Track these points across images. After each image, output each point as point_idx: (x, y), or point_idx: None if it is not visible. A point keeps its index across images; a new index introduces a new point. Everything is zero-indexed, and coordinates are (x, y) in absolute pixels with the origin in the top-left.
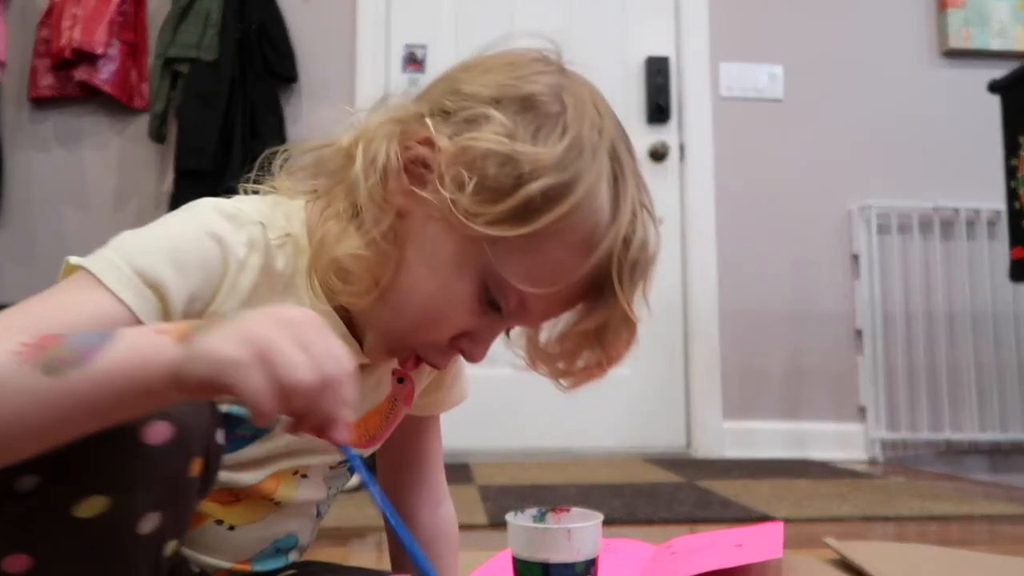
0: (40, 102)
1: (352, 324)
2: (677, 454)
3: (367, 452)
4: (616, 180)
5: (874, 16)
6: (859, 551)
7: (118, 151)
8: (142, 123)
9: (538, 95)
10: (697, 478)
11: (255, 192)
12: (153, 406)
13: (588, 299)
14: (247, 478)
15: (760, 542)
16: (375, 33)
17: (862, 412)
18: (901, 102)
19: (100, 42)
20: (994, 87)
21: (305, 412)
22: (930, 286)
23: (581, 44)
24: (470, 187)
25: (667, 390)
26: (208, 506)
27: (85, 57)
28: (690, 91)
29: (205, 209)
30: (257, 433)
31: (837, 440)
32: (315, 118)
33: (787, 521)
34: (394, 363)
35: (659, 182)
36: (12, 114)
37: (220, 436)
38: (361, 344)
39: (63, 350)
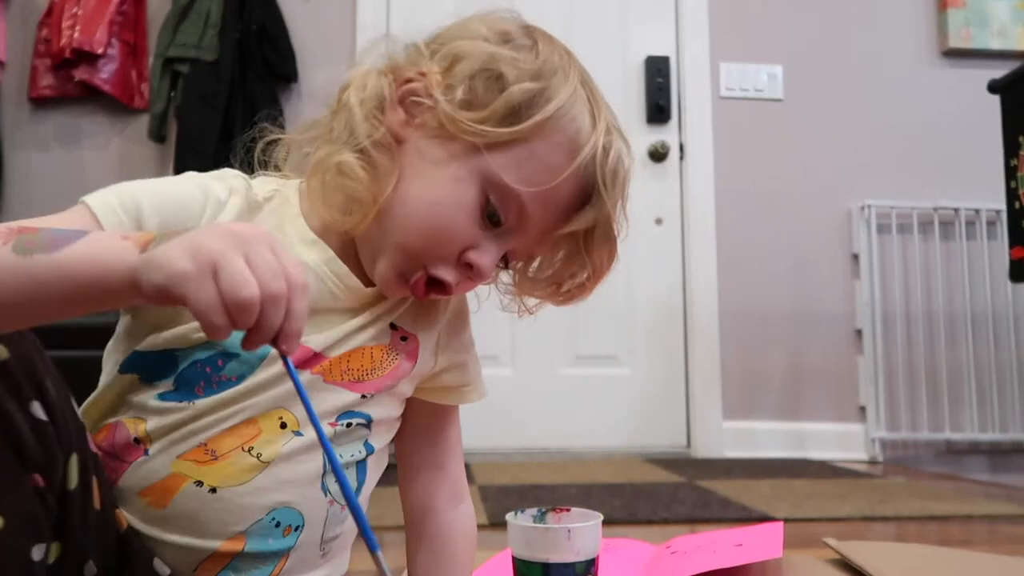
0: (40, 102)
1: (353, 262)
2: (677, 454)
3: (360, 404)
4: (590, 99)
5: (874, 16)
6: (859, 551)
7: (118, 151)
8: (142, 123)
9: (512, 31)
10: (697, 478)
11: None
12: (115, 305)
13: (577, 209)
14: (216, 420)
15: (760, 542)
16: (375, 33)
17: (862, 412)
18: (901, 102)
19: (100, 42)
20: (994, 87)
21: (255, 326)
22: (930, 286)
23: (581, 44)
24: (460, 94)
25: (667, 390)
26: (183, 465)
27: (85, 57)
28: (690, 91)
29: (194, 171)
30: (242, 375)
31: (837, 440)
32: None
33: (787, 521)
34: (392, 316)
35: (659, 182)
36: (12, 114)
37: (37, 410)
38: (364, 281)
39: (37, 236)
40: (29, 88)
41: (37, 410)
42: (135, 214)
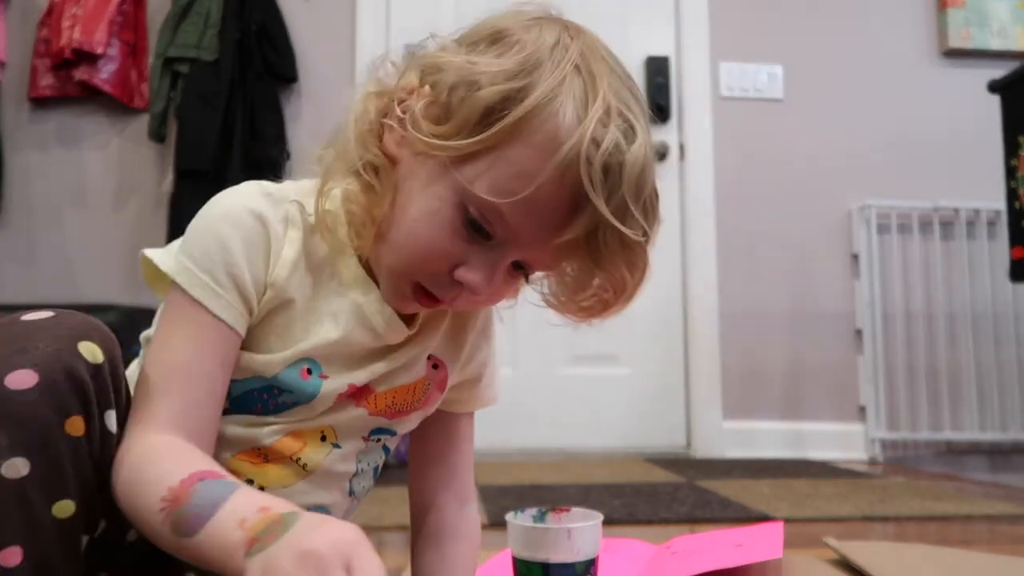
0: (40, 102)
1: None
2: (677, 454)
3: (390, 424)
4: (586, 86)
5: (874, 16)
6: (859, 551)
7: (118, 151)
8: (142, 123)
9: (508, 28)
10: (697, 478)
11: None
12: None
13: (571, 214)
14: (264, 433)
15: (760, 542)
16: (375, 33)
17: (862, 412)
18: (901, 102)
19: (100, 42)
20: (994, 87)
21: None
22: (930, 286)
23: None
24: (436, 108)
25: (667, 390)
26: (239, 464)
27: (85, 57)
28: (690, 91)
29: (247, 192)
30: (296, 402)
31: (837, 440)
32: (315, 118)
33: (787, 521)
34: (430, 347)
35: (659, 182)
36: (12, 114)
37: (110, 420)
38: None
39: (186, 512)
40: (29, 88)
41: (110, 419)
42: (241, 290)
